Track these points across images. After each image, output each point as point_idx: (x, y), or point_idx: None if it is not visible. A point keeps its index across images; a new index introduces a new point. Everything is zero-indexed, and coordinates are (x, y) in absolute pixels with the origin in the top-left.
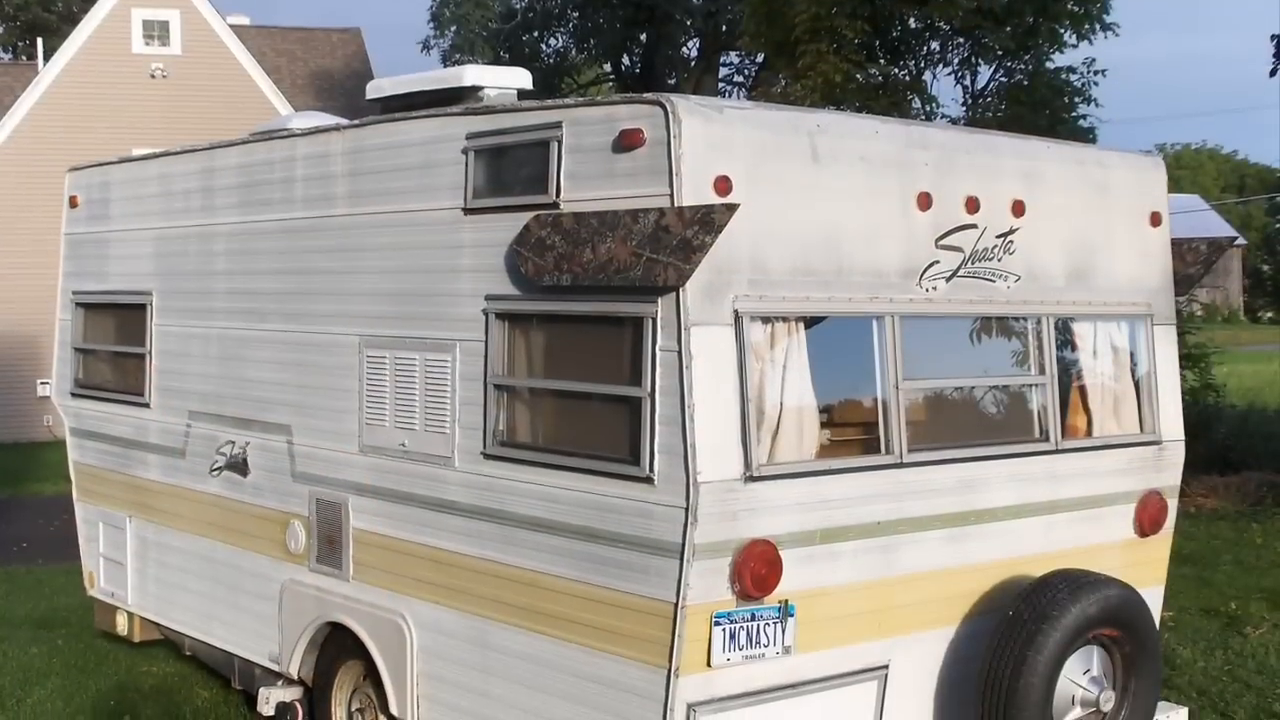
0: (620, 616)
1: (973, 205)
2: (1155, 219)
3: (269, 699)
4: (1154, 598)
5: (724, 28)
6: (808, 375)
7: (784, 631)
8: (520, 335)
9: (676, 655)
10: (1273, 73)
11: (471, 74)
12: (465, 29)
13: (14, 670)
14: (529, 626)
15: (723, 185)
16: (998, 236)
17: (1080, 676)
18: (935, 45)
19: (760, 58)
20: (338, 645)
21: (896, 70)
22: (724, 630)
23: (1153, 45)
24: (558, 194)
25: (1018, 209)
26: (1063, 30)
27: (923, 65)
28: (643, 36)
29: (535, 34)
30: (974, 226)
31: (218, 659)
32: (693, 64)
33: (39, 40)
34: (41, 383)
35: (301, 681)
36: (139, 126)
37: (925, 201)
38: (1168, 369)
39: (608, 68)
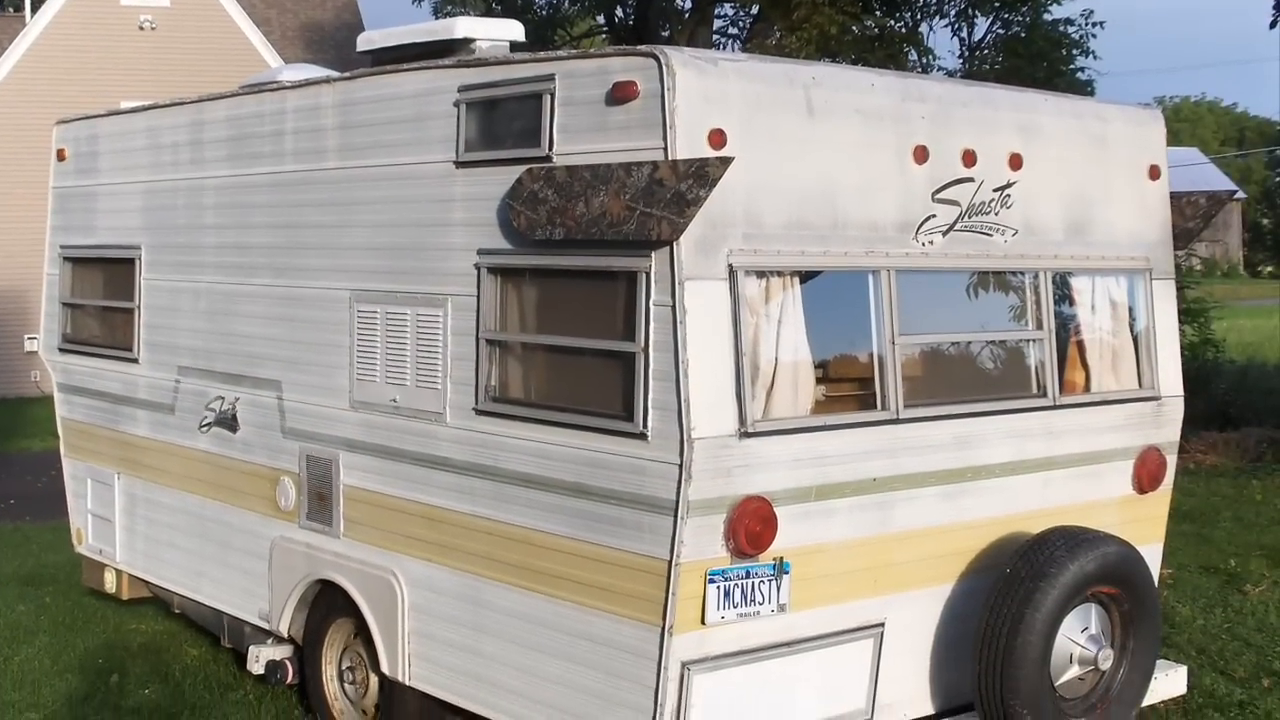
0: (613, 574)
1: (970, 159)
2: (1154, 173)
3: (258, 657)
4: (1153, 555)
5: None
6: (803, 330)
7: (779, 589)
8: (513, 290)
9: (670, 613)
10: (1272, 24)
11: (463, 26)
12: None
13: (1, 628)
14: (521, 584)
15: (717, 138)
16: (995, 190)
17: (1078, 635)
18: None
19: (755, 9)
20: (328, 603)
21: (892, 22)
22: (718, 588)
23: None
24: (550, 147)
25: (1015, 162)
26: None
27: (919, 17)
28: None
29: None
30: (971, 180)
31: (207, 617)
32: (687, 16)
33: None
34: (29, 338)
35: (291, 639)
36: (127, 79)
37: (922, 155)
38: (1166, 324)
39: (601, 20)
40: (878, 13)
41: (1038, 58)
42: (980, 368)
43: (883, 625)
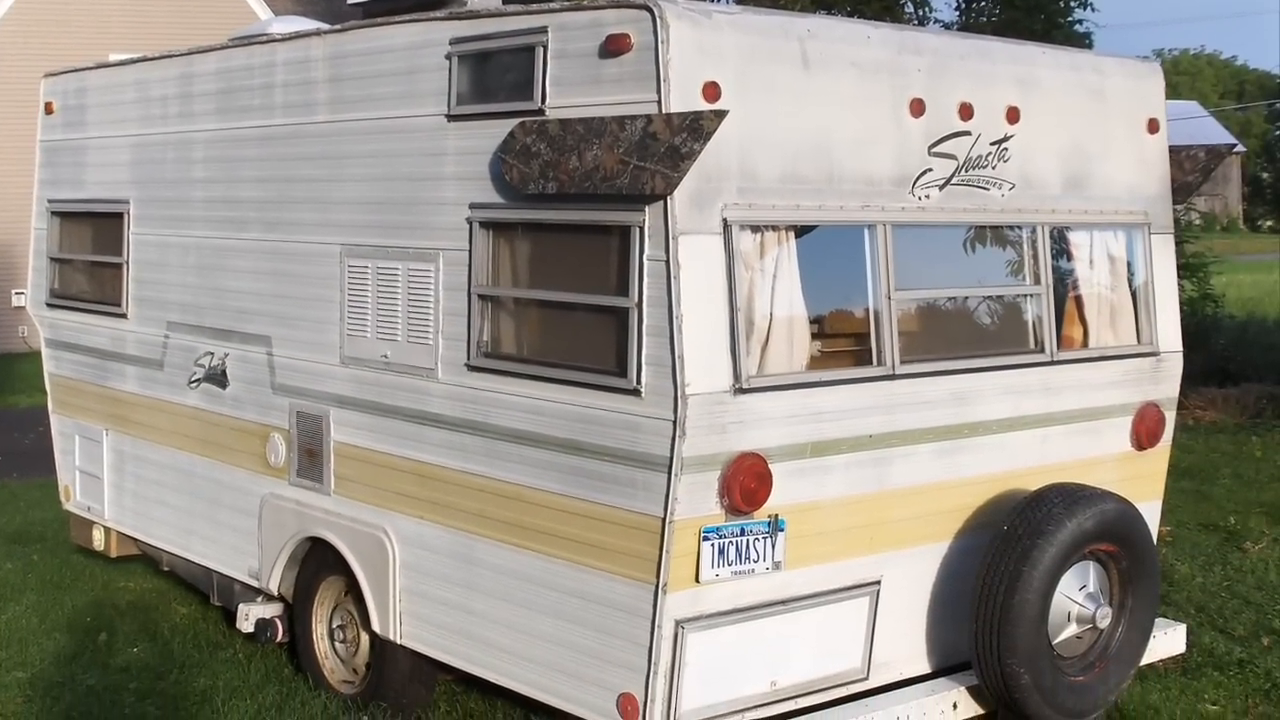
0: (607, 531)
1: (966, 112)
2: (1153, 126)
3: (248, 615)
4: (1151, 512)
5: None
6: (798, 285)
7: (774, 547)
8: (505, 244)
9: (664, 571)
10: None
11: None
12: None
13: None
14: (514, 541)
15: (711, 91)
16: (992, 144)
17: (1076, 593)
18: None
19: None
20: (318, 560)
21: None
22: (713, 545)
23: None
24: (543, 100)
25: (1012, 116)
26: None
27: None
28: None
29: None
30: (968, 134)
31: (196, 574)
32: None
33: None
34: (17, 293)
35: (281, 598)
36: (116, 31)
37: (918, 108)
38: (1165, 279)
39: None
40: None
41: (1035, 10)
42: (977, 323)
43: (879, 583)
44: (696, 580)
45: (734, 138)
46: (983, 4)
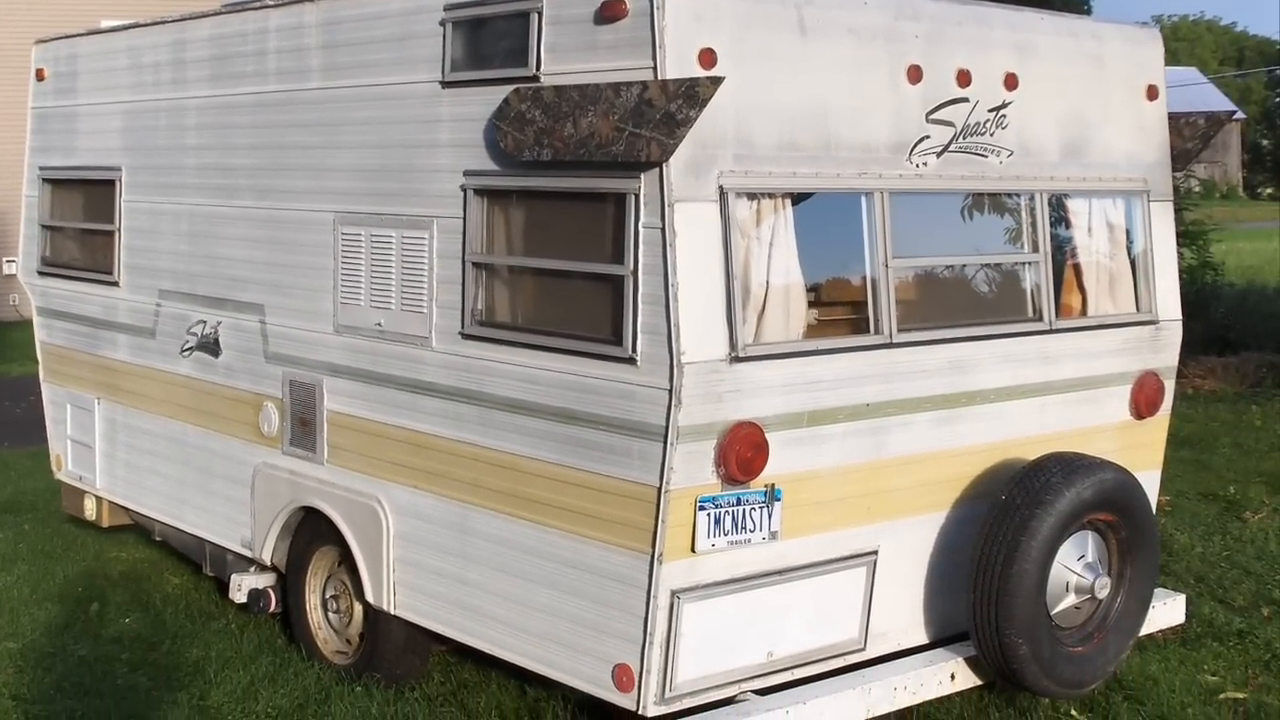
0: (602, 501)
1: (964, 78)
2: (1152, 93)
3: (241, 586)
4: (1150, 482)
5: None
6: (795, 253)
7: (770, 516)
8: (499, 212)
9: (660, 541)
10: None
11: None
12: None
13: None
14: (508, 511)
15: (707, 58)
16: (990, 111)
17: (1075, 563)
18: None
19: None
20: (312, 530)
21: None
22: (709, 515)
23: None
24: (538, 67)
25: (1010, 82)
26: None
27: None
28: None
29: None
30: (965, 100)
31: (188, 544)
32: None
33: None
34: (8, 260)
35: (274, 568)
36: None
37: (915, 74)
38: (1164, 247)
39: None
40: None
41: None
42: (975, 291)
43: (876, 553)
44: (692, 550)
45: (730, 104)
46: None
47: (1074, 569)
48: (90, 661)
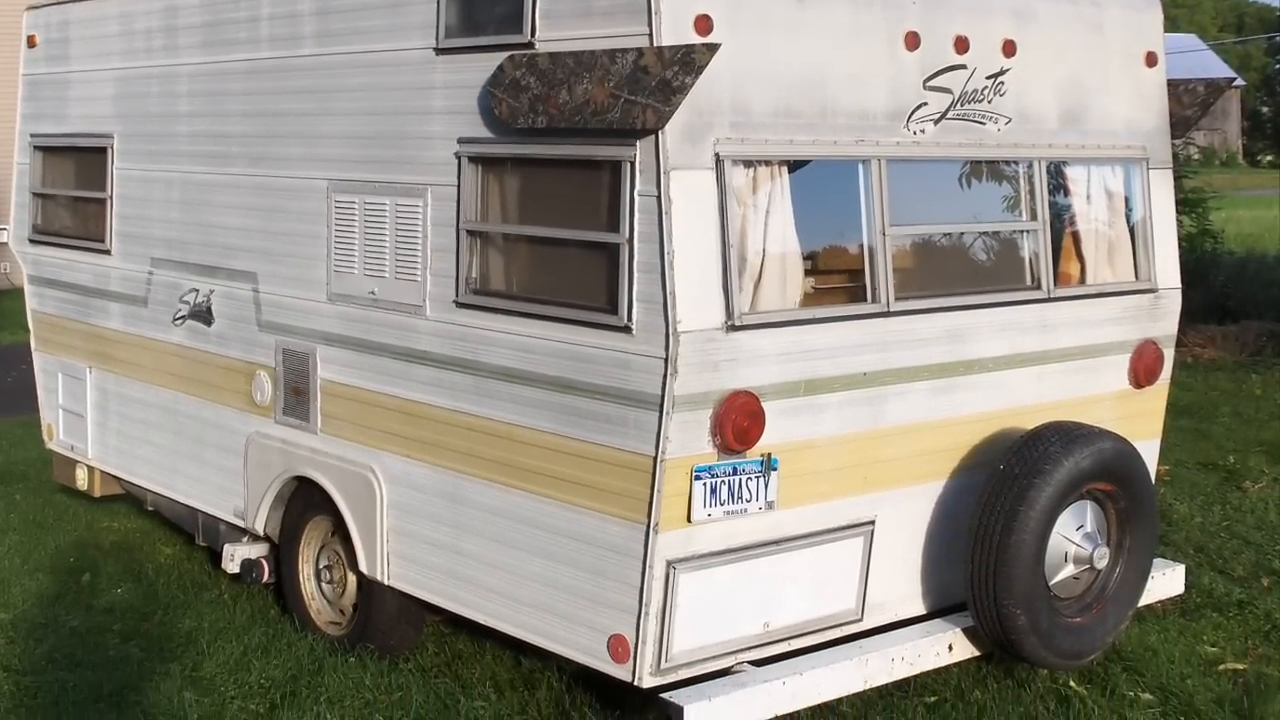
0: (598, 471)
1: (962, 45)
2: (1151, 59)
3: (234, 556)
4: (1150, 451)
5: None
6: (791, 221)
7: (767, 486)
8: (494, 179)
9: (656, 510)
10: None
11: None
12: None
13: None
14: (503, 481)
15: (703, 24)
16: (988, 77)
17: (1074, 533)
18: None
19: None
20: (305, 500)
21: None
22: (705, 485)
23: None
24: (533, 34)
25: (1008, 49)
26: None
27: None
28: None
29: None
30: (963, 67)
31: (181, 514)
32: None
33: None
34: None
35: (267, 538)
36: None
37: (913, 41)
38: (1164, 214)
39: None
40: None
41: None
42: (973, 259)
43: (873, 523)
44: (688, 520)
45: (726, 71)
46: None
47: (1073, 539)
48: (82, 632)
